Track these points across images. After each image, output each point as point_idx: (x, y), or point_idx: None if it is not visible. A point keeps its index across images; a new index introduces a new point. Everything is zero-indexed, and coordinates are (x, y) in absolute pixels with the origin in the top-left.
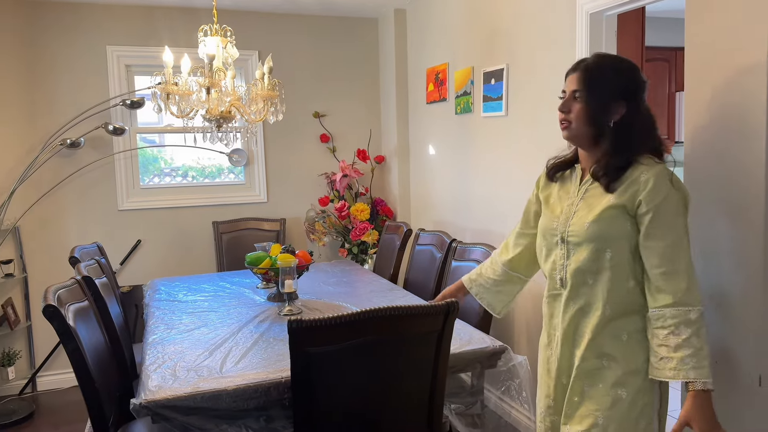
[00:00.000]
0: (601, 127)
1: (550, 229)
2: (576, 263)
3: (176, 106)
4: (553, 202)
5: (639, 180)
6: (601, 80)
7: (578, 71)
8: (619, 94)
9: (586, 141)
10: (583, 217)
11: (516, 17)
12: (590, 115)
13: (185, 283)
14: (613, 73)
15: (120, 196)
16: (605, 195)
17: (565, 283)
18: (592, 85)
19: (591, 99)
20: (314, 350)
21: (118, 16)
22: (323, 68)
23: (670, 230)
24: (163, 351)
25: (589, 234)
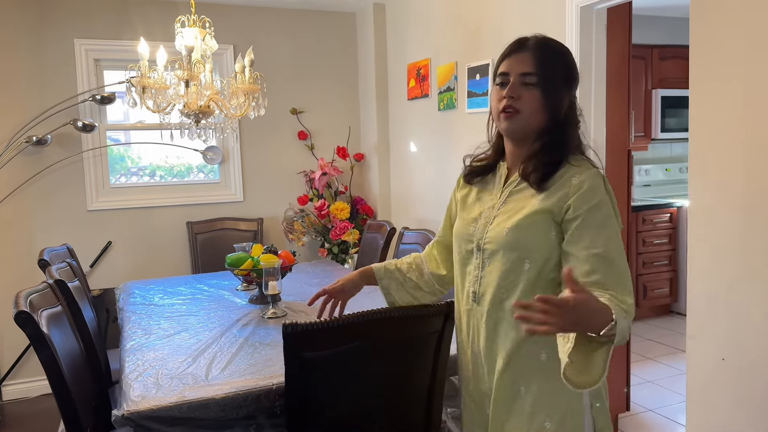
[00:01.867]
0: (555, 119)
1: (465, 235)
2: (491, 275)
3: (152, 100)
4: (470, 203)
5: (570, 182)
6: (556, 64)
7: (528, 50)
8: (568, 82)
9: (531, 135)
10: (503, 222)
11: (502, 10)
12: (547, 104)
13: (160, 286)
14: (564, 58)
15: (89, 196)
16: (531, 198)
17: (479, 298)
18: (548, 69)
19: (548, 85)
20: (309, 355)
21: (88, 8)
22: (300, 64)
23: (601, 236)
24: (142, 358)
25: (508, 241)
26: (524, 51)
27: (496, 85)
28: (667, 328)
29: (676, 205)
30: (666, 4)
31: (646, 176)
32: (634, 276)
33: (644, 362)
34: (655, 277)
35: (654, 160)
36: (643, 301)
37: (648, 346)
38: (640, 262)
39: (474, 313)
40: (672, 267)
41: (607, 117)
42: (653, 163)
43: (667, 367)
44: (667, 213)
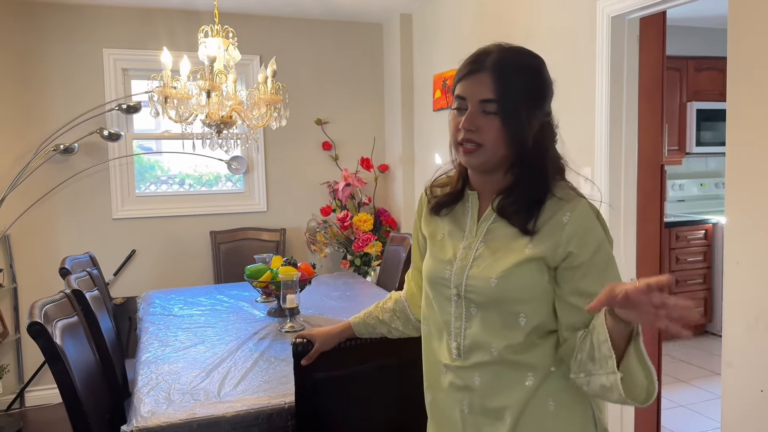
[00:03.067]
0: (522, 148)
1: (440, 278)
2: (479, 328)
3: (174, 110)
4: (441, 239)
5: (562, 223)
6: (519, 85)
7: (487, 71)
8: (537, 101)
9: (498, 166)
10: (488, 268)
11: (531, 21)
12: (511, 133)
13: (181, 296)
14: (530, 74)
15: (114, 204)
16: (517, 239)
17: (464, 353)
18: (510, 93)
19: (511, 112)
20: (321, 375)
21: (116, 18)
22: (326, 74)
23: (605, 283)
24: (156, 371)
25: (497, 293)
26: (482, 71)
27: (453, 110)
28: (701, 349)
29: (712, 222)
30: (702, 14)
31: (680, 191)
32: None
33: (676, 384)
34: (689, 296)
35: (688, 174)
36: None
37: (681, 368)
38: (673, 280)
39: (460, 369)
40: (707, 286)
41: (639, 130)
42: (688, 178)
43: (701, 391)
44: (702, 229)
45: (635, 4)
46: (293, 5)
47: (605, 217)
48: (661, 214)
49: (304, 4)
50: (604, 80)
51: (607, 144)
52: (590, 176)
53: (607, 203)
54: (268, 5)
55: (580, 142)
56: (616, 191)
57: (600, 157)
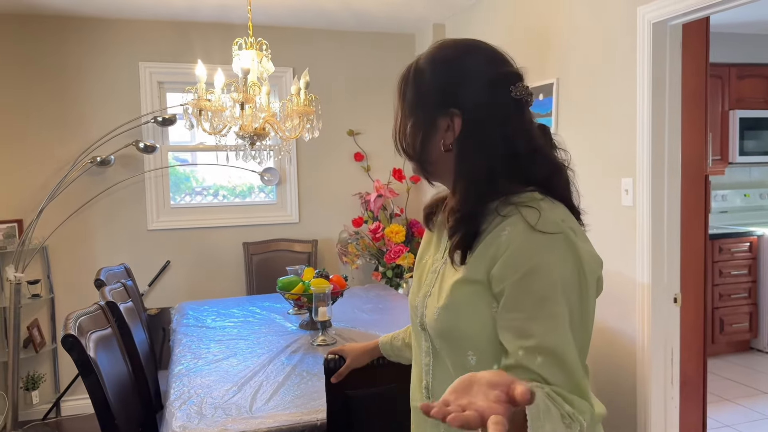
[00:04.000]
0: (417, 156)
1: (412, 307)
2: (440, 368)
3: (209, 122)
4: (425, 261)
5: (500, 238)
6: (408, 86)
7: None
8: (443, 100)
9: (443, 182)
10: (436, 296)
11: (569, 29)
12: (396, 139)
13: (214, 307)
14: (434, 69)
15: (150, 216)
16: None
17: (432, 394)
18: (402, 97)
19: (403, 114)
20: (354, 393)
21: (152, 32)
22: (358, 85)
23: (537, 320)
24: (189, 384)
25: (441, 328)
26: None
27: None
28: (747, 366)
29: (757, 234)
30: (744, 20)
31: (723, 202)
32: (710, 309)
33: (721, 404)
34: (733, 311)
35: (732, 185)
36: (719, 336)
37: (726, 386)
38: (716, 294)
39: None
40: (752, 300)
41: (682, 140)
42: (731, 189)
43: (748, 410)
44: (747, 242)
45: (678, 10)
46: (326, 17)
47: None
48: (705, 226)
49: (337, 16)
50: (645, 88)
51: (650, 154)
52: (632, 187)
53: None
54: (302, 18)
55: (622, 152)
56: (659, 203)
57: (642, 168)
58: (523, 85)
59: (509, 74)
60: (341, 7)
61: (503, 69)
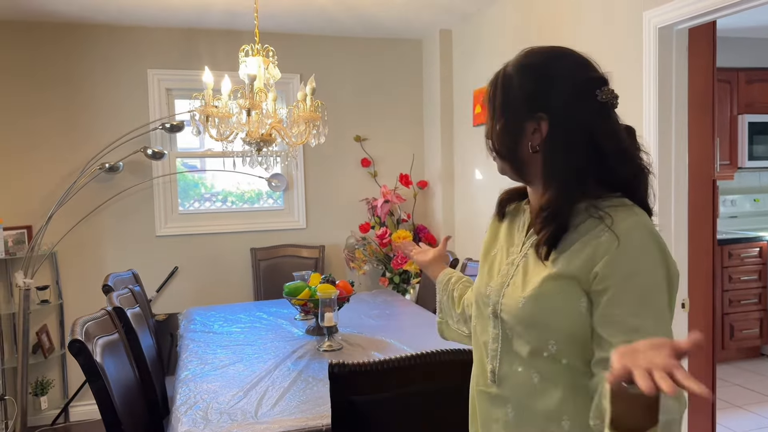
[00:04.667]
0: (515, 156)
1: (482, 295)
2: (512, 355)
3: (216, 128)
4: (494, 254)
5: (599, 238)
6: (505, 88)
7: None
8: (531, 102)
9: (529, 180)
10: (520, 287)
11: (574, 34)
12: (492, 136)
13: (221, 313)
14: (522, 74)
15: (158, 222)
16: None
17: (499, 380)
18: (494, 97)
19: (491, 113)
20: (359, 399)
21: (160, 39)
22: (365, 91)
23: (641, 315)
24: (195, 389)
25: (525, 316)
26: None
27: None
28: (758, 372)
29: (767, 239)
30: (752, 24)
31: (732, 207)
32: (720, 315)
33: (731, 410)
34: (744, 317)
35: (741, 190)
36: (730, 342)
37: (736, 392)
38: (726, 300)
39: (493, 399)
40: (762, 306)
41: (689, 144)
42: (740, 194)
43: (758, 417)
44: (756, 247)
45: (683, 15)
46: (333, 24)
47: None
48: (713, 231)
49: (344, 23)
50: (651, 93)
51: (656, 159)
52: None
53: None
54: (309, 24)
55: None
56: (666, 207)
57: None
58: (608, 89)
59: (595, 79)
60: (348, 14)
61: (589, 74)
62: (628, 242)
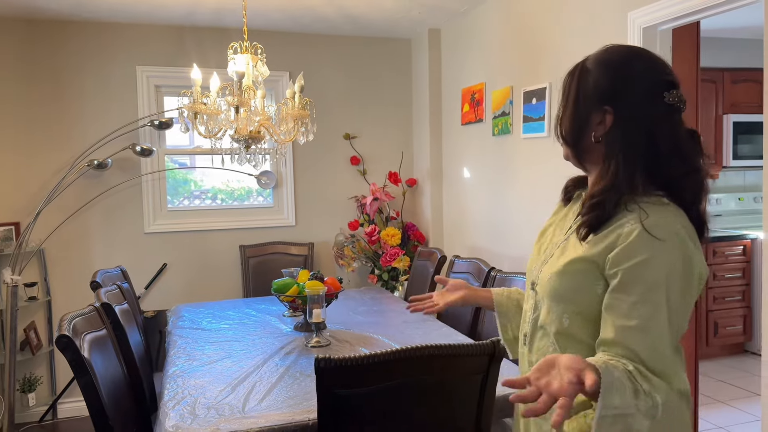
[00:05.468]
0: (576, 142)
1: (529, 270)
2: (540, 324)
3: (204, 125)
4: (548, 234)
5: (622, 228)
6: (579, 81)
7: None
8: (601, 95)
9: (587, 167)
10: (553, 264)
11: (561, 34)
12: (560, 124)
13: (210, 310)
14: (598, 68)
15: (147, 219)
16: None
17: (527, 341)
18: (569, 89)
19: (563, 104)
20: (344, 392)
21: (149, 36)
22: (355, 89)
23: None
24: (183, 385)
25: (550, 289)
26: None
27: None
28: (741, 369)
29: (750, 237)
30: (737, 25)
31: (717, 206)
32: (704, 312)
33: (714, 405)
34: (728, 314)
35: (726, 188)
36: (713, 339)
37: (719, 388)
38: (710, 297)
39: (524, 358)
40: (746, 303)
41: None
42: (725, 192)
43: (740, 413)
44: (740, 245)
45: (667, 15)
46: (323, 22)
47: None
48: None
49: (334, 21)
50: None
51: None
52: None
53: None
54: (298, 22)
55: None
56: None
57: None
58: (677, 93)
59: (665, 82)
60: (338, 13)
61: (661, 77)
62: (645, 236)
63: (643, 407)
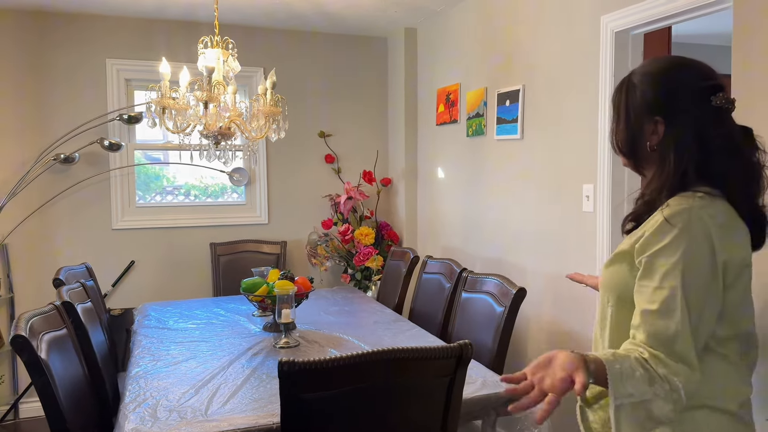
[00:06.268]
0: (633, 152)
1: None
2: (601, 309)
3: (172, 120)
4: None
5: (650, 221)
6: (631, 94)
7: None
8: (650, 107)
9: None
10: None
11: (535, 36)
12: (618, 136)
13: (177, 309)
14: (644, 81)
15: (114, 215)
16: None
17: (600, 327)
18: (622, 100)
19: (616, 116)
20: (309, 396)
21: (120, 28)
22: (330, 87)
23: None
24: (145, 386)
25: (601, 279)
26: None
27: None
28: None
29: None
30: (709, 31)
31: None
32: None
33: None
34: None
35: None
36: None
37: None
38: None
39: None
40: None
41: None
42: None
43: None
44: None
45: (639, 20)
46: (297, 19)
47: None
48: None
49: (308, 18)
50: (607, 96)
51: (610, 160)
52: (593, 193)
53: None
54: (272, 18)
55: (584, 158)
56: (620, 209)
57: (602, 174)
58: (723, 95)
59: (711, 87)
60: (313, 10)
61: (705, 82)
62: (664, 224)
63: (661, 392)
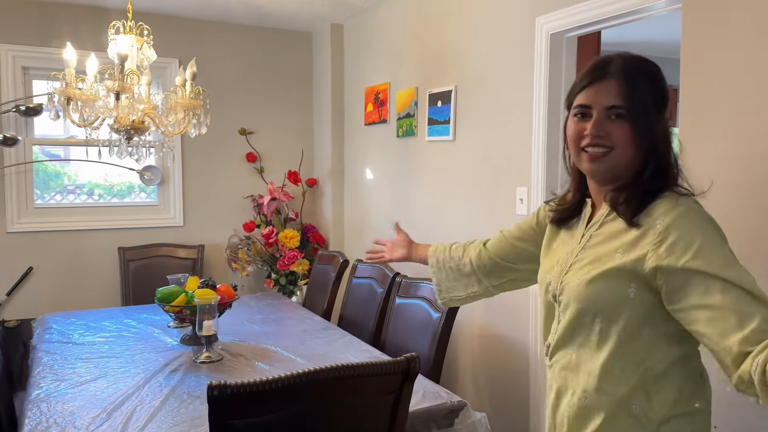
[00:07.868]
0: (651, 149)
1: (544, 283)
2: (562, 330)
3: (78, 113)
4: (554, 248)
5: (654, 226)
6: (644, 88)
7: (613, 77)
8: (659, 105)
9: (624, 174)
10: (579, 271)
11: (467, 36)
12: (639, 136)
13: (83, 320)
14: (653, 78)
15: (9, 217)
16: (612, 240)
17: (551, 353)
18: (638, 98)
19: (640, 116)
20: (239, 423)
21: (15, 11)
22: (252, 82)
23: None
24: (48, 411)
25: (580, 295)
26: (608, 79)
27: (574, 116)
28: None
29: None
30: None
31: None
32: None
33: None
34: None
35: None
36: None
37: None
38: None
39: (549, 369)
40: None
41: None
42: None
43: None
44: None
45: (573, 23)
46: (214, 7)
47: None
48: None
49: (230, 8)
50: (541, 98)
51: (544, 164)
52: (527, 196)
53: None
54: (191, 7)
55: (518, 161)
56: None
57: (537, 177)
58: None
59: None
60: (235, 0)
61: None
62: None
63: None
